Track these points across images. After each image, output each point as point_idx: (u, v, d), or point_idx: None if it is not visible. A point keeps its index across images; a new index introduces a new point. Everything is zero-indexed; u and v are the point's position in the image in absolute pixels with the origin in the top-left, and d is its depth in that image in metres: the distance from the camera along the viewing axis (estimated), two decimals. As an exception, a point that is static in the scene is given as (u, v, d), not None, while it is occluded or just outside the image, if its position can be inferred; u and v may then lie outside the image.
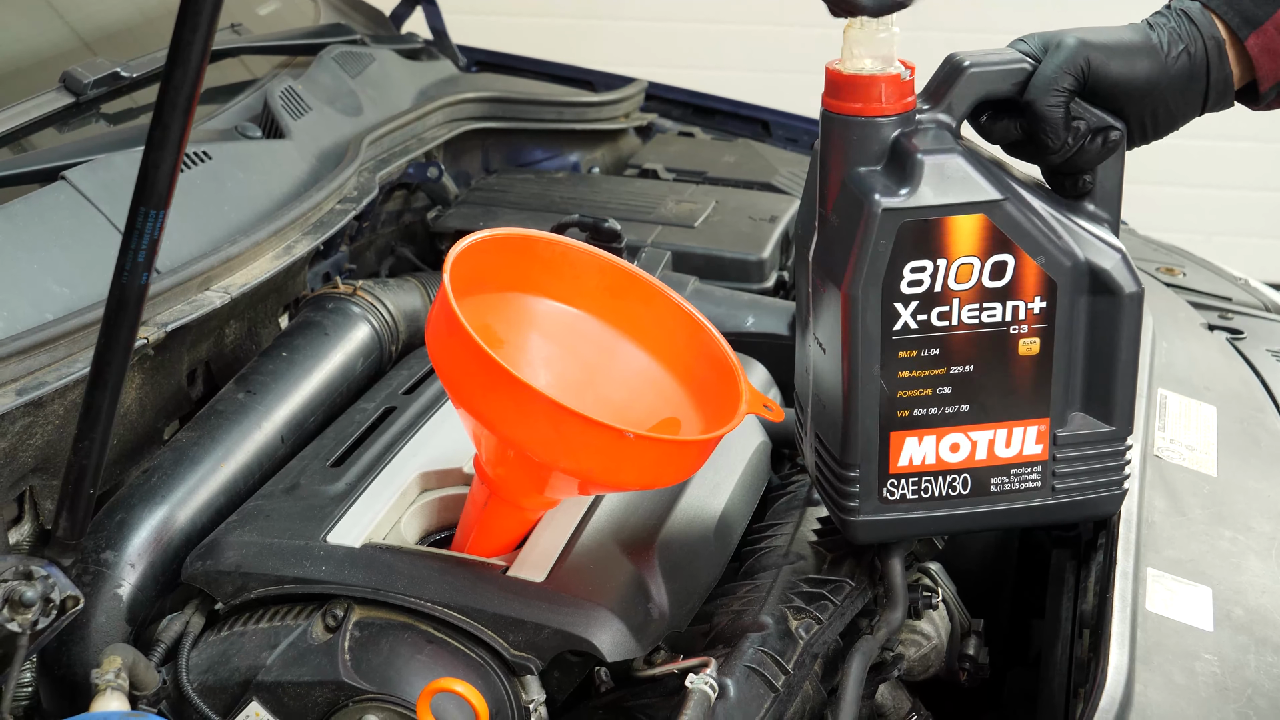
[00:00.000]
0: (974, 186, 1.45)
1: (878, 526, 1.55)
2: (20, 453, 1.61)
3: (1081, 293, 1.49)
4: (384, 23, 3.08)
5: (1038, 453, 1.54)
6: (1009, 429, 1.52)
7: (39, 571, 1.43)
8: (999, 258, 1.47)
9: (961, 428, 1.52)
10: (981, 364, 1.50)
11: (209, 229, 1.95)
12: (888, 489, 1.53)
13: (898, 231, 1.45)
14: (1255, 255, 5.49)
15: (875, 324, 1.47)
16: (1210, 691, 1.47)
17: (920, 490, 1.53)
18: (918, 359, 1.49)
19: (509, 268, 1.61)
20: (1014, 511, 1.56)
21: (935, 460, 1.52)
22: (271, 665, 1.49)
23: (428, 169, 2.55)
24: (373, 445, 1.74)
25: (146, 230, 1.31)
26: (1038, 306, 1.48)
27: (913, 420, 1.51)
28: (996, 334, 1.49)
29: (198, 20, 1.22)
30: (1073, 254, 1.48)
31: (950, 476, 1.53)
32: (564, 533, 1.58)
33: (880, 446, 1.51)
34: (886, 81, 1.45)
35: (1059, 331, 1.50)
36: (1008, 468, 1.54)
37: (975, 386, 1.50)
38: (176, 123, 1.27)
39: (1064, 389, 1.52)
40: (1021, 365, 1.50)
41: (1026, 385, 1.51)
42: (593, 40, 5.58)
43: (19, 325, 1.63)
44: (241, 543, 1.57)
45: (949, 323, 1.48)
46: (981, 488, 1.54)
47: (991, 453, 1.53)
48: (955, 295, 1.47)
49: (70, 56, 2.23)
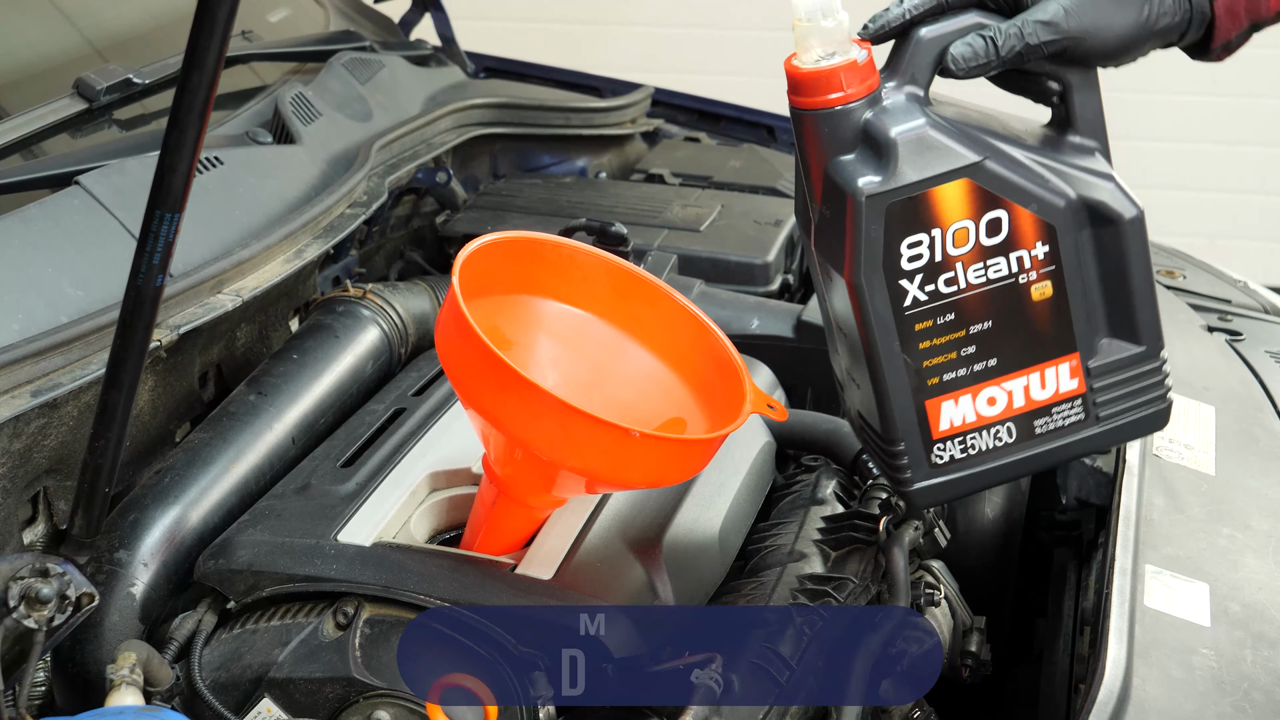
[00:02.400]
0: (951, 154, 1.45)
1: (933, 491, 1.55)
2: (35, 453, 1.63)
3: (1082, 228, 1.48)
4: (393, 29, 3.09)
5: (1074, 387, 1.53)
6: (1040, 371, 1.52)
7: (55, 569, 1.44)
8: (992, 215, 1.46)
9: (993, 381, 1.52)
10: (999, 318, 1.50)
11: (221, 233, 1.97)
12: (935, 455, 1.53)
13: (886, 213, 1.45)
14: (1256, 258, 5.51)
15: (885, 305, 1.48)
16: (1207, 685, 1.48)
17: (968, 448, 1.53)
18: (935, 327, 1.49)
19: (517, 270, 1.62)
20: (1064, 447, 1.55)
21: (975, 418, 1.52)
22: (283, 662, 1.51)
23: (436, 174, 2.57)
24: (382, 446, 1.76)
25: (162, 233, 1.33)
26: (1041, 252, 1.48)
27: (944, 385, 1.51)
28: (1006, 287, 1.49)
29: (213, 25, 1.24)
30: (1064, 194, 1.47)
31: (994, 429, 1.53)
32: (571, 531, 1.60)
33: (919, 417, 1.52)
34: (845, 70, 1.44)
35: (1068, 270, 1.49)
36: (1048, 408, 1.53)
37: (998, 340, 1.50)
38: (192, 126, 1.29)
39: (1086, 322, 1.51)
40: (1038, 310, 1.50)
41: (1048, 327, 1.51)
42: (600, 46, 5.60)
43: (34, 327, 1.65)
44: (253, 542, 1.58)
45: (957, 287, 1.48)
46: (1027, 432, 1.54)
47: (1029, 397, 1.52)
48: (957, 260, 1.47)
49: (83, 63, 2.25)
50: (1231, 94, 5.47)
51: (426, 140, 2.58)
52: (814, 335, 2.29)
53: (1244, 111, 5.53)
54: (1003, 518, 2.00)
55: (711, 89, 3.52)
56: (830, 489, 1.90)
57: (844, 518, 1.80)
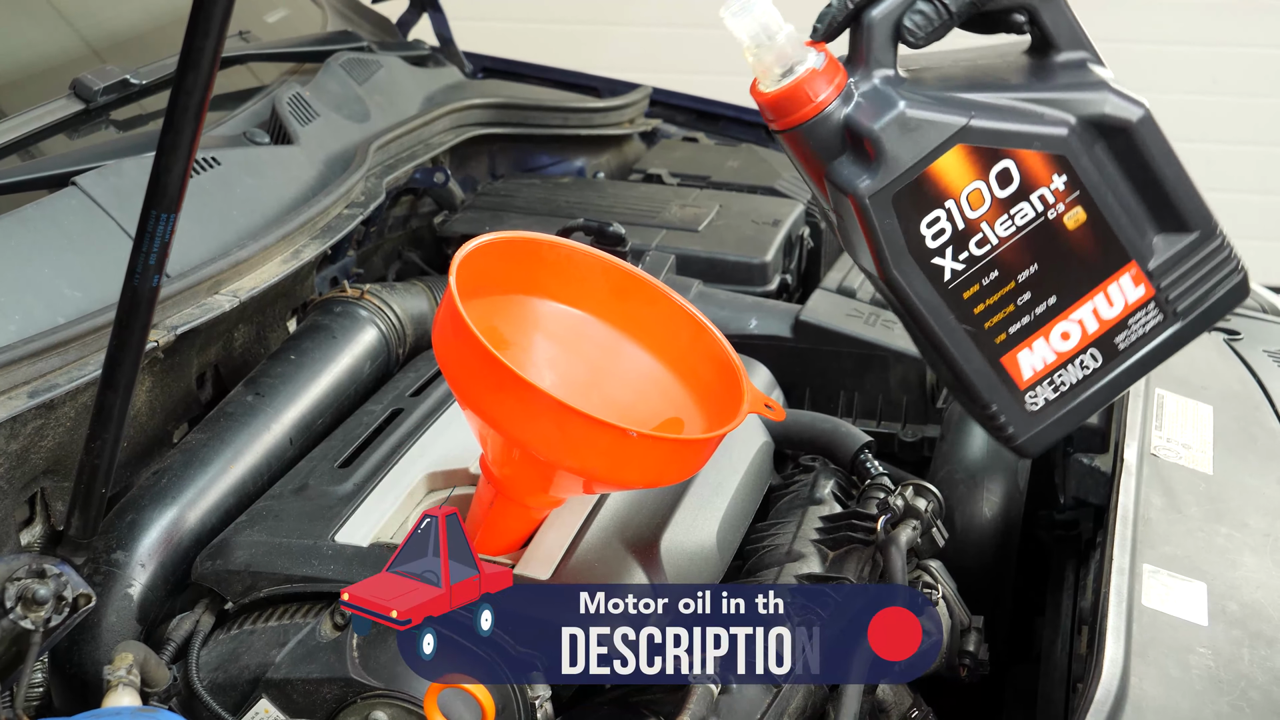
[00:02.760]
0: (936, 126, 1.44)
1: (1040, 436, 1.55)
2: (32, 454, 1.63)
3: (1094, 144, 1.47)
4: (391, 30, 3.10)
5: (1142, 294, 1.52)
6: (1103, 292, 1.51)
7: (52, 570, 1.45)
8: (998, 168, 1.45)
9: (1060, 317, 1.51)
10: (1042, 258, 1.48)
11: (218, 234, 1.97)
12: (1029, 403, 1.53)
13: (894, 204, 1.44)
14: (1256, 258, 5.50)
15: (927, 288, 1.47)
16: (1204, 685, 1.48)
17: (1058, 386, 1.53)
18: (983, 289, 1.48)
19: (514, 270, 1.62)
20: (1154, 351, 1.54)
21: (1055, 356, 1.52)
22: (280, 663, 1.51)
23: (434, 174, 2.57)
24: (380, 446, 1.76)
25: (158, 233, 1.33)
26: (1060, 183, 1.46)
27: (1013, 338, 1.51)
28: (1039, 227, 1.47)
29: (209, 26, 1.25)
30: (1063, 121, 1.46)
31: (1078, 359, 1.52)
32: (569, 531, 1.60)
33: (1000, 375, 1.51)
34: (808, 80, 1.43)
35: (1094, 191, 1.47)
36: (1124, 322, 1.52)
37: (1049, 278, 1.49)
38: (188, 127, 1.29)
39: (1131, 229, 1.50)
40: (1078, 237, 1.48)
41: (1094, 249, 1.49)
42: (598, 46, 5.60)
43: (31, 328, 1.65)
44: (251, 542, 1.59)
45: (990, 245, 1.47)
46: (1111, 351, 1.53)
47: (1100, 319, 1.51)
48: (980, 221, 1.46)
49: (80, 64, 2.25)
50: (1231, 93, 5.47)
51: (424, 140, 2.58)
52: (812, 335, 2.30)
53: (1243, 111, 5.53)
54: (1001, 517, 2.01)
55: (710, 89, 3.51)
56: (828, 489, 1.90)
57: (842, 517, 1.80)
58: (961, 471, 2.04)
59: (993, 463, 2.04)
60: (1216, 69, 5.47)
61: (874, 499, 1.84)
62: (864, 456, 1.96)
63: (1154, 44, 5.38)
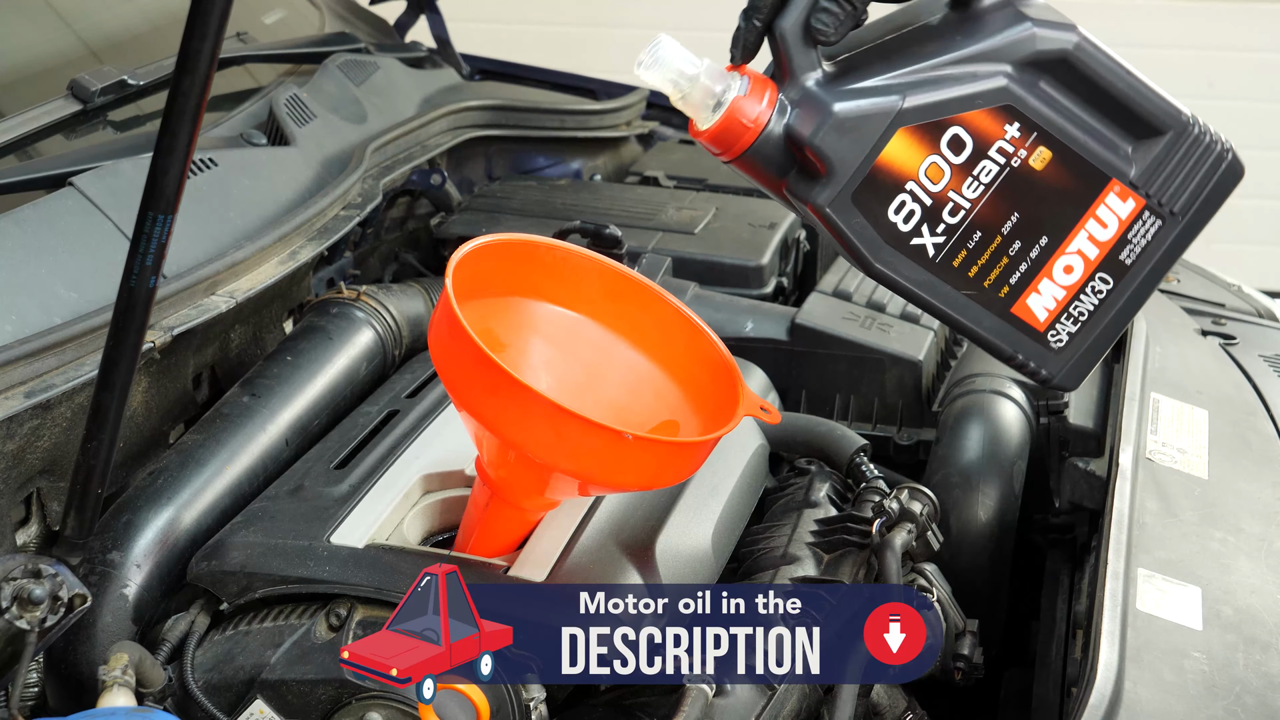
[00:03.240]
0: (872, 118, 1.42)
1: (1074, 370, 1.53)
2: (28, 455, 1.63)
3: (1037, 81, 1.44)
4: (388, 31, 3.10)
5: (1132, 207, 1.49)
6: (1092, 217, 1.48)
7: (47, 570, 1.45)
8: (947, 136, 1.43)
9: (1056, 254, 1.48)
10: (1020, 205, 1.46)
11: (215, 235, 1.97)
12: (1053, 342, 1.51)
13: (855, 203, 1.43)
14: (1256, 263, 5.51)
15: (915, 269, 1.46)
16: (1199, 689, 1.49)
17: (1077, 318, 1.51)
18: (971, 252, 1.47)
19: (511, 272, 1.62)
20: (1164, 256, 1.51)
21: (1064, 291, 1.50)
22: (276, 664, 1.51)
23: (431, 176, 2.57)
24: (376, 448, 1.76)
25: (155, 234, 1.33)
26: (1015, 131, 1.44)
27: (1017, 287, 1.49)
28: (1006, 178, 1.45)
29: (206, 28, 1.25)
30: (997, 72, 1.43)
31: (1088, 286, 1.50)
32: (564, 533, 1.60)
33: (1016, 324, 1.50)
34: (737, 107, 1.42)
35: (1050, 126, 1.45)
36: (1123, 238, 1.49)
37: (1034, 222, 1.47)
38: (184, 129, 1.30)
39: (1101, 150, 1.47)
40: (1051, 173, 1.46)
41: (1070, 179, 1.47)
42: (595, 49, 5.60)
43: (27, 329, 1.65)
44: (246, 543, 1.59)
45: (964, 211, 1.45)
46: (1119, 269, 1.50)
47: (1098, 242, 1.49)
48: (946, 190, 1.44)
49: (77, 65, 2.26)
50: (1228, 97, 5.48)
51: (421, 142, 2.59)
52: (808, 338, 2.30)
53: (1240, 115, 5.53)
54: (995, 521, 2.01)
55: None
56: (824, 492, 1.90)
57: (837, 520, 1.80)
58: (957, 475, 2.04)
59: (988, 467, 2.04)
60: (1213, 73, 5.48)
61: (869, 502, 1.84)
62: (859, 460, 1.96)
63: (1151, 48, 5.39)
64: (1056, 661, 1.89)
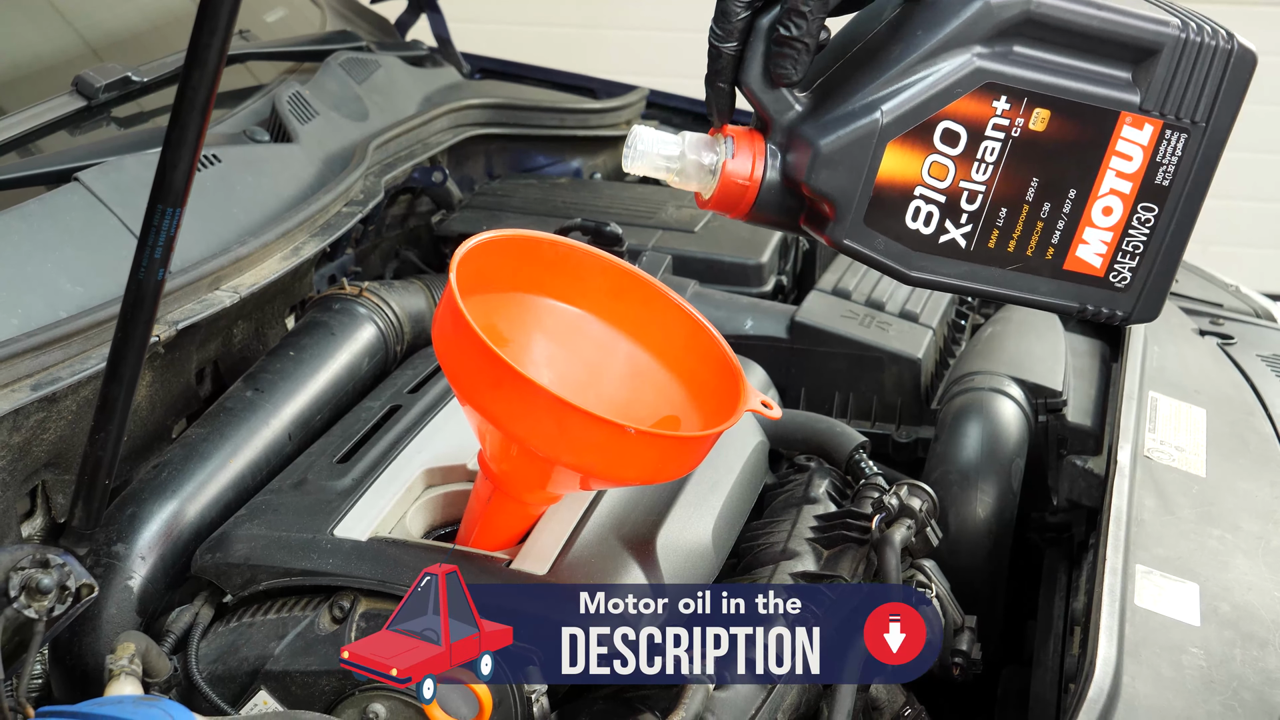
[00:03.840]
0: (857, 143, 1.40)
1: (1147, 303, 1.51)
2: (34, 447, 1.64)
3: (1009, 47, 1.41)
4: (389, 30, 3.11)
5: (1151, 131, 1.45)
6: (1114, 154, 1.46)
7: (55, 560, 1.46)
8: (938, 132, 1.42)
9: (1090, 201, 1.46)
10: (1038, 169, 1.45)
11: (219, 230, 1.98)
12: (1117, 281, 1.49)
13: (870, 226, 1.42)
14: (1252, 265, 5.52)
15: (952, 264, 1.46)
16: (1196, 684, 1.49)
17: (1133, 253, 1.48)
18: (1003, 229, 1.45)
19: (513, 268, 1.63)
20: (1201, 162, 1.48)
21: (1111, 232, 1.47)
22: (279, 655, 1.52)
23: (432, 174, 2.58)
24: (378, 442, 1.77)
25: (163, 228, 1.34)
26: (1004, 104, 1.42)
27: (1061, 245, 1.46)
28: (1013, 149, 1.43)
29: (215, 23, 1.26)
30: (965, 55, 1.40)
31: (1133, 219, 1.47)
32: (566, 527, 1.61)
33: (1074, 279, 1.48)
34: (729, 173, 1.44)
35: (1038, 85, 1.42)
36: (1153, 163, 1.46)
37: (1056, 179, 1.45)
38: (194, 123, 1.30)
39: (1098, 89, 1.43)
40: (1056, 129, 1.44)
41: (1078, 127, 1.44)
42: (596, 48, 5.62)
43: (33, 322, 1.66)
44: (250, 536, 1.59)
45: (981, 194, 1.44)
46: (1160, 193, 1.47)
47: (1129, 176, 1.46)
48: (957, 182, 1.43)
49: (81, 62, 2.26)
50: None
51: (422, 140, 2.59)
52: (807, 336, 2.31)
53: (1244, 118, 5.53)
54: (994, 518, 2.02)
55: (706, 91, 3.52)
56: (823, 488, 1.91)
57: (836, 516, 1.81)
58: (955, 472, 2.05)
59: (986, 464, 2.05)
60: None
61: (869, 498, 1.85)
62: (859, 456, 1.97)
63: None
64: (1054, 659, 1.90)
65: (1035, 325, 2.38)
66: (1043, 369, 2.22)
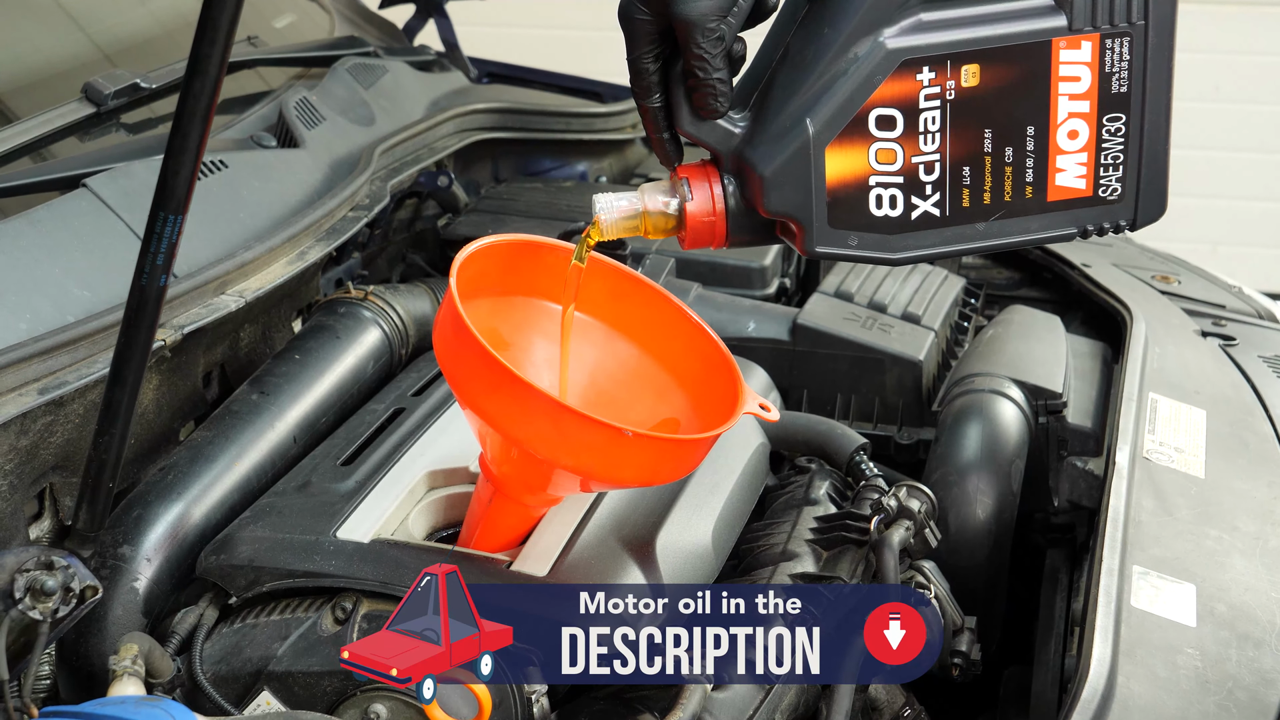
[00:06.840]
0: (796, 158, 1.41)
1: (1147, 206, 1.48)
2: (41, 450, 1.65)
3: (918, 16, 1.41)
4: (397, 35, 3.12)
5: (1091, 47, 1.42)
6: (1060, 81, 1.43)
7: (60, 562, 1.47)
8: (872, 120, 1.41)
9: (1052, 131, 1.44)
10: (985, 121, 1.43)
11: (225, 235, 1.99)
12: (1106, 194, 1.46)
13: (836, 227, 1.43)
14: (1260, 265, 5.52)
15: (932, 234, 1.45)
16: (1191, 684, 1.50)
17: (1114, 164, 1.46)
18: (973, 186, 1.44)
19: (514, 272, 1.64)
20: (1155, 59, 1.45)
21: (1085, 153, 1.45)
22: (282, 656, 1.53)
23: (438, 178, 2.60)
24: (382, 445, 1.78)
25: (165, 234, 1.36)
26: (928, 74, 1.41)
27: (1037, 181, 1.45)
28: (954, 110, 1.42)
29: (216, 33, 1.27)
30: (875, 39, 1.40)
31: (1103, 133, 1.45)
32: (567, 529, 1.62)
33: (1064, 208, 1.46)
34: (691, 214, 1.46)
35: (955, 45, 1.41)
36: (1103, 74, 1.44)
37: (1009, 124, 1.44)
38: (195, 131, 1.32)
39: (1023, 25, 1.42)
40: (990, 78, 1.42)
41: (1014, 69, 1.42)
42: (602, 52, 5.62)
43: (41, 326, 1.67)
44: (254, 538, 1.61)
45: (938, 164, 1.43)
46: (1121, 101, 1.44)
47: (1084, 95, 1.44)
48: (909, 159, 1.43)
49: (91, 68, 2.28)
50: (1233, 100, 5.48)
51: (429, 144, 2.60)
52: (809, 338, 2.32)
53: (1246, 118, 5.54)
54: (993, 519, 2.02)
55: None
56: (823, 490, 1.92)
57: (836, 518, 1.82)
58: (954, 473, 2.05)
59: (985, 465, 2.05)
60: (1219, 76, 5.49)
61: (868, 500, 1.86)
62: (859, 458, 1.98)
63: (1156, 52, 5.39)
64: (1055, 659, 1.90)
65: (1036, 327, 2.38)
66: (1043, 370, 2.23)
